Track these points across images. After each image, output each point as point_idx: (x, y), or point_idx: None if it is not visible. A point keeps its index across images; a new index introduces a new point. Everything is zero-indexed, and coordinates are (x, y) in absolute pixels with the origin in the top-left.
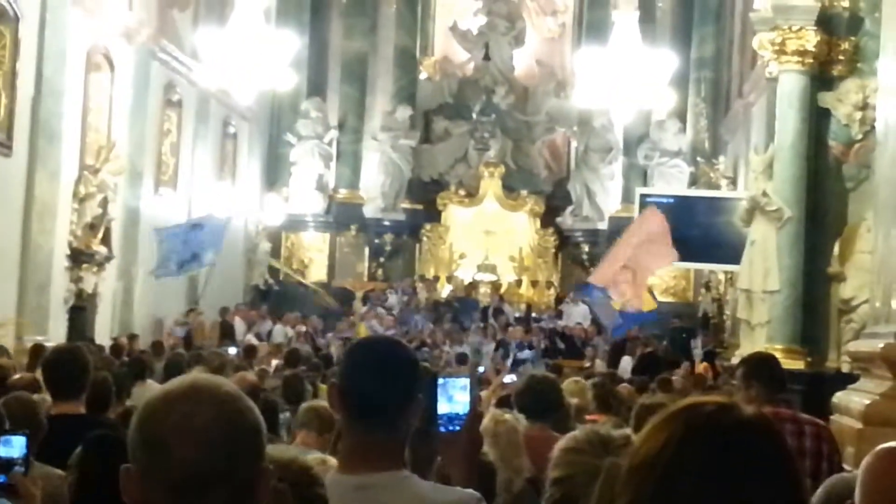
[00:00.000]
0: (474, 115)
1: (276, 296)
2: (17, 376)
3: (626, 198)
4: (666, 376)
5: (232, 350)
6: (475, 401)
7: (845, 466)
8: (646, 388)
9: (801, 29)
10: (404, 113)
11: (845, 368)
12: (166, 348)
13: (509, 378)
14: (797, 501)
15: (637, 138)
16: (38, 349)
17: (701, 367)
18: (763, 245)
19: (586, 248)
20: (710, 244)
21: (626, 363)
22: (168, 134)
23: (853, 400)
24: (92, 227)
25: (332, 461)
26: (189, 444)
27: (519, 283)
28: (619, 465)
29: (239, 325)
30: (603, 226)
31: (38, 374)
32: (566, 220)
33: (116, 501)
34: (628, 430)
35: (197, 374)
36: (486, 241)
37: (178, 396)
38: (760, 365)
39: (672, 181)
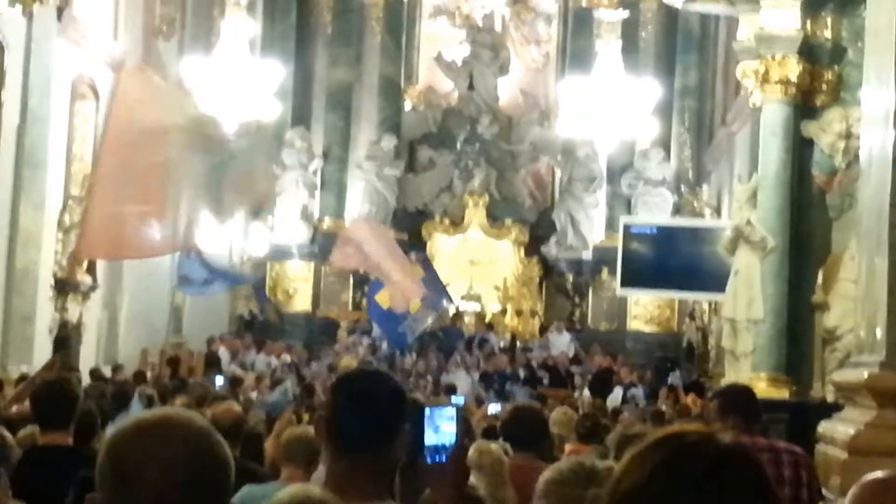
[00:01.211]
0: (459, 145)
1: (260, 325)
2: (14, 409)
3: (611, 227)
4: (659, 409)
5: (219, 380)
6: (462, 431)
7: (829, 496)
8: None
9: (784, 58)
10: (389, 142)
11: (830, 398)
12: (149, 378)
13: (494, 408)
14: None
15: (621, 167)
16: (24, 379)
17: (688, 398)
18: (747, 274)
19: (571, 277)
20: (694, 273)
21: (618, 394)
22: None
23: (838, 429)
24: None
25: (315, 490)
26: (156, 475)
27: (503, 312)
28: (602, 497)
29: (224, 354)
30: (587, 255)
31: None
32: (550, 249)
33: None
34: (612, 462)
35: (171, 408)
36: (471, 271)
37: (150, 427)
38: (736, 397)
39: (656, 210)
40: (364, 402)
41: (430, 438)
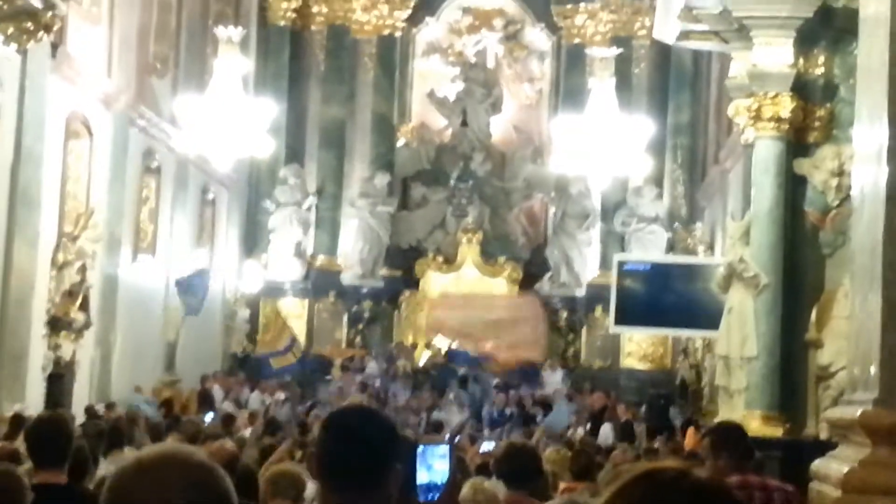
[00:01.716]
0: (452, 182)
1: (254, 363)
2: None
3: (604, 264)
4: (653, 447)
5: (208, 417)
6: (455, 469)
7: None
8: (639, 458)
9: (776, 96)
10: (382, 179)
11: (824, 435)
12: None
13: (487, 445)
14: None
15: (614, 204)
16: (17, 418)
17: (690, 436)
18: (740, 311)
19: (564, 314)
20: (687, 311)
21: (607, 430)
22: (147, 201)
23: (832, 467)
24: (70, 295)
25: None
26: None
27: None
28: None
29: (217, 392)
30: (581, 292)
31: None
32: (544, 286)
33: None
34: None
35: (170, 444)
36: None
37: (151, 464)
38: (727, 434)
39: (649, 247)
40: (355, 439)
41: (422, 477)
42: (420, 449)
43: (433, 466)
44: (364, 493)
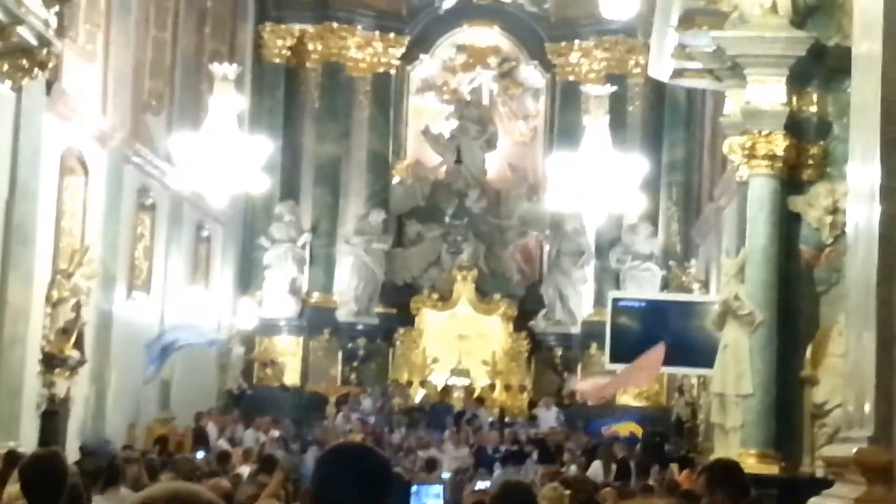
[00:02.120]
0: (447, 219)
1: (248, 400)
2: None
3: (599, 301)
4: (647, 483)
5: (199, 454)
6: None
7: None
8: (629, 494)
9: (770, 133)
10: (377, 216)
11: (819, 473)
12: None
13: (482, 484)
14: None
15: (609, 242)
16: (11, 455)
17: (682, 475)
18: (735, 349)
19: (559, 351)
20: (682, 348)
21: (597, 467)
22: (141, 238)
23: None
24: (65, 332)
25: None
26: None
27: (492, 387)
28: None
29: (212, 429)
30: (576, 329)
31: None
32: (539, 323)
33: None
34: None
35: (175, 482)
36: (460, 346)
37: (159, 502)
38: (723, 472)
39: (644, 285)
40: (351, 476)
41: None
42: (414, 488)
43: None
44: None
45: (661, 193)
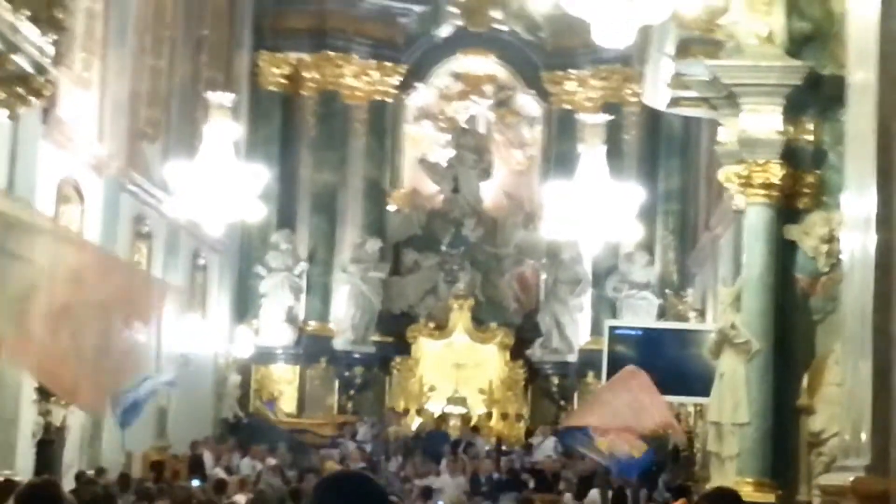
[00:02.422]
0: (444, 248)
1: (245, 429)
2: None
3: (596, 330)
4: None
5: (195, 483)
6: None
7: None
8: None
9: (766, 162)
10: (374, 245)
11: (816, 502)
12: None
13: None
14: None
15: (605, 270)
16: (8, 484)
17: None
18: (732, 377)
19: (556, 380)
20: (678, 377)
21: (594, 496)
22: (137, 266)
23: None
24: None
25: None
26: None
27: (489, 415)
28: None
29: (208, 458)
30: (573, 358)
31: None
32: (536, 352)
33: None
34: None
35: None
36: (456, 374)
37: None
38: (722, 500)
39: (641, 313)
40: (348, 503)
41: None
42: None
43: None
44: None
45: (657, 222)
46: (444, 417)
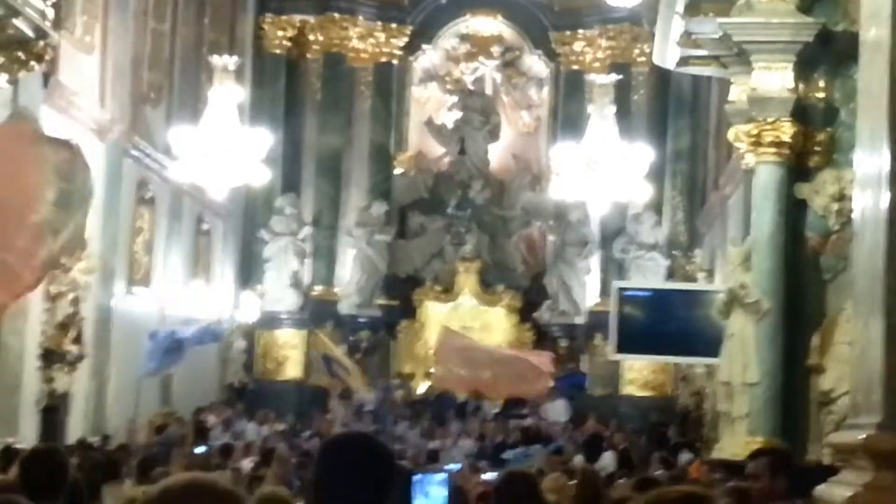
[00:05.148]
0: (450, 210)
1: (250, 394)
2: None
3: (604, 291)
4: (649, 476)
5: (199, 449)
6: (454, 497)
7: None
8: (648, 486)
9: (776, 120)
10: (379, 208)
11: (826, 461)
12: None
13: (489, 475)
14: None
15: (613, 231)
16: (8, 451)
17: (692, 466)
18: (741, 337)
19: (564, 342)
20: (687, 337)
21: (608, 458)
22: (141, 231)
23: (835, 492)
24: (63, 327)
25: None
26: None
27: None
28: None
29: (214, 424)
30: (580, 320)
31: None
32: (543, 314)
33: None
34: None
35: (194, 472)
36: None
37: (179, 493)
38: (786, 458)
39: (649, 274)
40: (353, 465)
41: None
42: (417, 476)
43: (430, 493)
44: None
45: (665, 182)
46: None
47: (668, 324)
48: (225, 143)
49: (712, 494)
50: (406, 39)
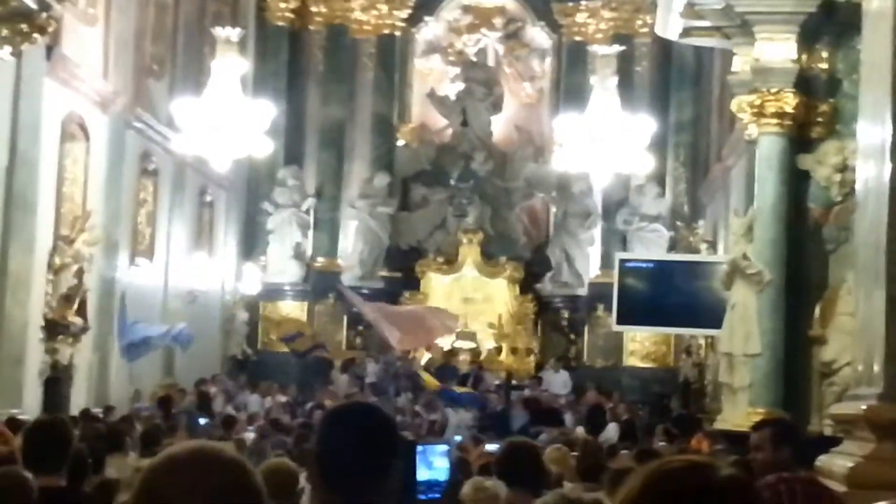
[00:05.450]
0: (452, 182)
1: (253, 366)
2: None
3: (606, 263)
4: (649, 448)
5: (202, 421)
6: (456, 467)
7: None
8: (649, 457)
9: (779, 91)
10: (382, 180)
11: (828, 432)
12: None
13: (491, 446)
14: None
15: (616, 203)
16: (12, 422)
17: (695, 439)
18: (743, 308)
19: (566, 314)
20: (690, 309)
21: (612, 430)
22: (144, 203)
23: (836, 463)
24: (67, 299)
25: None
26: None
27: (499, 350)
28: None
29: (216, 395)
30: (582, 291)
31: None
32: (545, 286)
33: None
34: (600, 494)
35: (199, 441)
36: (465, 309)
37: (184, 461)
38: (789, 429)
39: (651, 246)
40: (357, 435)
41: (422, 474)
42: (420, 447)
43: (433, 464)
44: (365, 490)
45: (668, 154)
46: (453, 352)
47: (670, 295)
48: (228, 115)
49: (718, 463)
50: (408, 11)
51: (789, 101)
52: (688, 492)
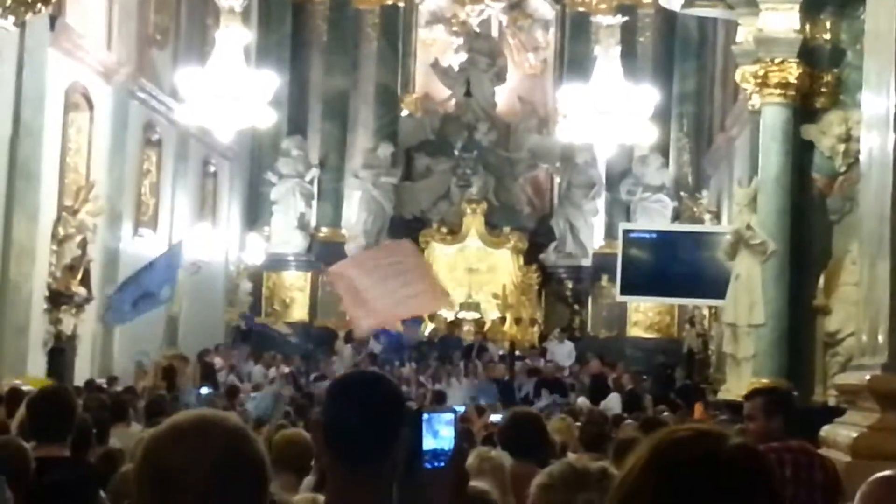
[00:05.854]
0: (456, 152)
1: (257, 336)
2: None
3: (610, 233)
4: (658, 416)
5: (204, 390)
6: (461, 436)
7: None
8: (653, 426)
9: (783, 61)
10: (386, 150)
11: (832, 402)
12: (140, 391)
13: (495, 417)
14: None
15: (620, 173)
16: (14, 392)
17: (696, 409)
18: (748, 279)
19: (570, 284)
20: (694, 279)
21: (614, 399)
22: (148, 174)
23: (840, 433)
24: (71, 269)
25: (321, 499)
26: (200, 475)
27: (503, 320)
28: (593, 501)
29: (220, 366)
30: (587, 262)
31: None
32: (549, 256)
33: None
34: (606, 463)
35: (202, 409)
36: (469, 279)
37: (187, 429)
38: (783, 398)
39: (655, 216)
40: (363, 404)
41: (428, 443)
42: (426, 416)
43: (439, 433)
44: (371, 459)
45: (672, 124)
46: (457, 322)
47: (673, 265)
48: (231, 85)
49: (726, 432)
50: None
51: (793, 72)
52: (696, 461)
